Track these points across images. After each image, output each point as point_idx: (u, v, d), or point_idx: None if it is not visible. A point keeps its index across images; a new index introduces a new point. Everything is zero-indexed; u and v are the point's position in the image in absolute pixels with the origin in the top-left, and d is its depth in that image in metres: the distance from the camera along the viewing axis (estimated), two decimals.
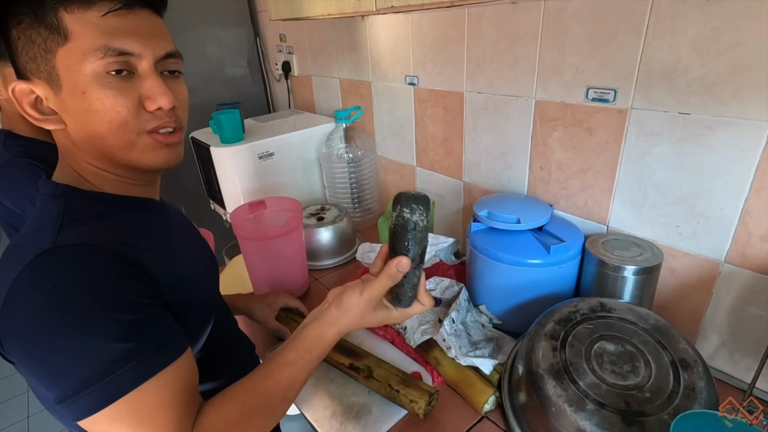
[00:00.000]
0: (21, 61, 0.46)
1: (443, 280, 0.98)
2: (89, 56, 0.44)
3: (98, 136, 0.48)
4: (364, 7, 0.78)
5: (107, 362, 0.42)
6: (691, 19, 0.66)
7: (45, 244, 0.44)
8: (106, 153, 0.50)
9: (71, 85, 0.46)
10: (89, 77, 0.45)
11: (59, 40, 0.44)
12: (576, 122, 0.86)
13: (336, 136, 1.33)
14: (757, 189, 0.68)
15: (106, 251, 0.45)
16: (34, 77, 0.46)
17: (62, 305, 0.42)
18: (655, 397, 0.57)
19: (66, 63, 0.45)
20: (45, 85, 0.46)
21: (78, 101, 0.46)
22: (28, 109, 0.47)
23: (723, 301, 0.76)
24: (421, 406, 0.70)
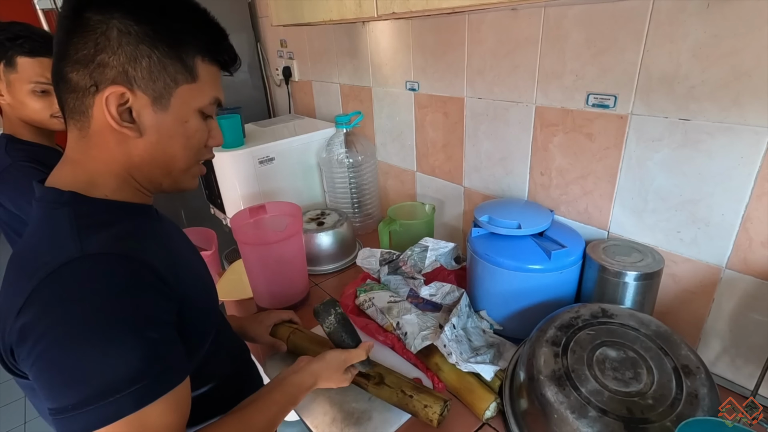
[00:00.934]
0: (135, 72, 0.49)
1: (444, 286, 0.97)
2: (206, 99, 0.54)
3: (173, 156, 0.54)
4: (365, 13, 0.78)
5: (120, 380, 0.42)
6: (690, 26, 0.67)
7: (72, 252, 0.44)
8: (163, 170, 0.55)
9: (178, 113, 0.52)
10: (195, 112, 0.54)
11: (188, 78, 0.52)
12: (576, 128, 0.86)
13: (336, 141, 1.34)
14: (757, 195, 0.68)
15: (135, 261, 0.46)
16: (139, 90, 0.49)
17: (89, 316, 0.42)
18: (657, 404, 0.56)
19: (184, 97, 0.52)
20: (147, 101, 0.50)
21: (176, 125, 0.53)
22: (113, 110, 0.49)
23: (724, 307, 0.76)
24: (435, 411, 0.69)
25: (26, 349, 0.43)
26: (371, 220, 1.43)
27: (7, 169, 1.00)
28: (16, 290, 0.45)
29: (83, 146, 0.52)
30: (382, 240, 1.13)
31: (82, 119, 0.51)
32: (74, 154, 0.53)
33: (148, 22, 0.48)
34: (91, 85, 0.48)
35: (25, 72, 1.00)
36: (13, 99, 1.03)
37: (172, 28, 0.50)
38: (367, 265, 1.09)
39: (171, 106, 0.52)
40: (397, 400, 0.73)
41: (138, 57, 0.48)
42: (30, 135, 1.09)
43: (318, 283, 1.16)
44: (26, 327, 0.43)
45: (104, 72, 0.48)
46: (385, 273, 1.06)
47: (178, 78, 0.51)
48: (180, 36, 0.51)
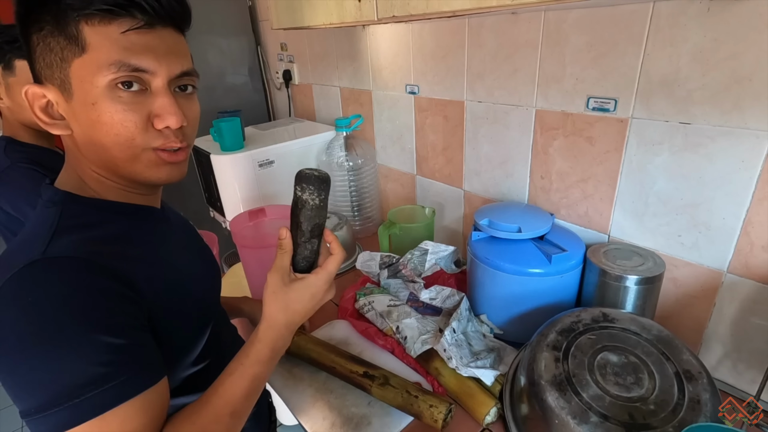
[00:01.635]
0: (37, 65, 0.47)
1: (444, 289, 0.97)
2: (103, 69, 0.45)
3: (103, 146, 0.48)
4: (365, 17, 0.78)
5: (75, 385, 0.40)
6: (690, 30, 0.67)
7: (35, 254, 0.43)
8: (109, 163, 0.50)
9: (82, 96, 0.46)
10: (101, 90, 0.45)
11: (76, 50, 0.44)
12: (576, 131, 0.86)
13: (336, 145, 1.33)
14: (758, 199, 0.67)
15: (95, 265, 0.44)
16: (47, 82, 0.47)
17: (42, 319, 0.41)
18: (659, 409, 0.56)
19: (80, 73, 0.45)
20: (57, 92, 0.47)
21: (87, 111, 0.46)
22: (39, 112, 0.48)
23: (726, 311, 0.76)
24: (441, 411, 0.69)
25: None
26: (371, 223, 1.43)
27: (6, 171, 1.00)
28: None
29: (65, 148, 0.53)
30: (382, 243, 1.13)
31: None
32: (66, 154, 0.53)
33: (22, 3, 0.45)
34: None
35: (24, 75, 1.00)
36: (12, 102, 1.02)
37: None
38: (367, 268, 1.09)
39: (74, 90, 0.46)
40: (401, 401, 0.72)
41: (32, 46, 0.46)
42: (30, 137, 1.08)
43: None
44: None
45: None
46: (384, 276, 1.06)
47: (65, 54, 0.45)
48: (52, 3, 0.44)
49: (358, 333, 0.94)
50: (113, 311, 0.44)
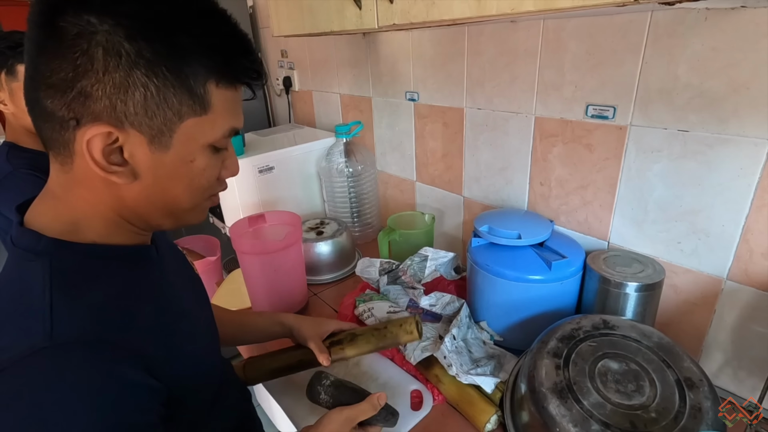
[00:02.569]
0: (123, 105, 0.38)
1: (444, 296, 0.97)
2: (217, 133, 0.44)
3: (175, 197, 0.45)
4: (366, 25, 0.79)
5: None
6: (688, 38, 0.67)
7: (38, 340, 0.36)
8: (164, 212, 0.46)
9: (182, 151, 0.42)
10: (204, 148, 0.44)
11: (197, 110, 0.41)
12: (576, 138, 0.87)
13: (336, 151, 1.34)
14: (757, 206, 0.68)
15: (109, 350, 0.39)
16: (131, 128, 0.39)
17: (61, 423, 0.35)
18: (661, 417, 0.56)
19: (190, 131, 0.42)
20: (143, 141, 0.40)
21: (179, 166, 0.43)
22: (98, 154, 0.39)
23: (726, 318, 0.76)
24: (411, 323, 0.72)
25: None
26: (371, 229, 1.43)
27: (8, 177, 1.00)
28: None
29: (66, 181, 0.43)
30: (382, 250, 1.12)
31: (62, 152, 0.41)
32: (56, 188, 0.44)
33: (146, 39, 0.37)
34: (70, 118, 0.38)
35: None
36: (16, 108, 1.03)
37: (177, 44, 0.38)
38: (367, 274, 1.08)
39: (173, 145, 0.41)
40: (375, 342, 0.73)
41: (130, 87, 0.37)
42: (33, 143, 1.09)
43: (317, 292, 1.15)
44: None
45: (86, 104, 0.37)
46: (384, 283, 1.05)
47: (183, 111, 0.40)
48: (187, 55, 0.39)
49: None
50: (136, 405, 0.39)
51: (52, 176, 0.44)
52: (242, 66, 0.43)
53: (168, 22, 0.38)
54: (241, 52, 0.43)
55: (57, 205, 0.44)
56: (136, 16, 0.37)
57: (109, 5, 0.36)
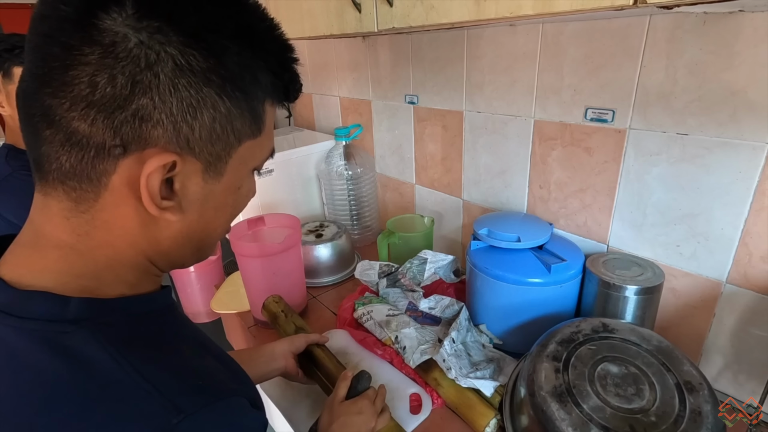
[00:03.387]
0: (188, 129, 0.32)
1: (443, 299, 0.97)
2: (263, 155, 0.40)
3: (213, 230, 0.40)
4: (365, 28, 0.79)
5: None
6: (687, 42, 0.68)
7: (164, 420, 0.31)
8: (195, 248, 0.40)
9: (233, 179, 0.37)
10: (248, 173, 0.39)
11: (255, 131, 0.37)
12: (575, 142, 0.87)
13: (335, 154, 1.34)
14: (756, 209, 0.68)
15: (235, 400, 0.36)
16: (191, 156, 0.33)
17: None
18: (660, 421, 0.55)
19: (243, 155, 0.37)
20: (198, 169, 0.35)
21: (227, 194, 0.38)
22: (156, 186, 0.32)
23: (725, 322, 0.76)
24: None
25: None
26: (370, 232, 1.43)
27: (7, 179, 1.00)
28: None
29: (81, 225, 0.34)
30: (381, 252, 1.12)
31: (84, 187, 0.33)
32: (64, 235, 0.34)
33: (217, 55, 0.32)
34: (116, 144, 0.31)
35: None
36: (13, 110, 1.03)
37: (248, 62, 0.34)
38: (366, 277, 1.08)
39: (226, 172, 0.37)
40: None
41: (199, 107, 0.32)
42: None
43: (316, 295, 1.15)
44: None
45: (141, 127, 0.31)
46: (383, 285, 1.05)
47: (243, 134, 0.36)
48: (257, 73, 0.35)
49: (356, 342, 0.93)
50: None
51: (57, 222, 0.34)
52: (298, 84, 0.40)
53: (240, 34, 0.33)
54: (294, 64, 0.39)
55: (68, 256, 0.34)
56: (209, 29, 0.31)
57: (180, 15, 0.30)
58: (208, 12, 0.31)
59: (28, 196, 0.99)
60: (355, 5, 0.78)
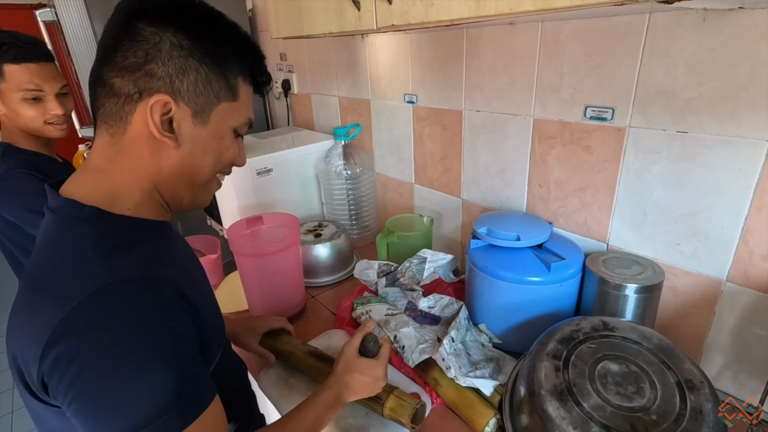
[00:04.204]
0: (181, 84, 0.49)
1: (443, 298, 0.96)
2: (240, 120, 0.56)
3: (201, 169, 0.54)
4: (365, 26, 0.79)
5: (160, 406, 0.42)
6: (687, 40, 0.68)
7: (100, 279, 0.43)
8: (188, 183, 0.55)
9: (215, 128, 0.53)
10: (230, 130, 0.55)
11: (229, 96, 0.53)
12: (574, 140, 0.87)
13: (334, 153, 1.34)
14: (757, 207, 0.68)
15: (164, 285, 0.47)
16: (182, 102, 0.50)
17: (128, 345, 0.42)
18: (661, 419, 0.55)
19: (222, 113, 0.53)
20: (189, 113, 0.51)
21: (211, 140, 0.53)
22: (157, 118, 0.49)
23: (726, 320, 0.75)
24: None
25: (64, 383, 0.41)
26: (369, 232, 1.42)
27: (3, 177, 1.00)
28: (41, 316, 0.43)
29: (112, 153, 0.51)
30: (380, 252, 1.12)
31: (117, 124, 0.50)
32: (100, 161, 0.51)
33: (199, 39, 0.49)
34: (135, 92, 0.48)
35: (14, 80, 1.00)
36: (7, 109, 1.03)
37: (221, 46, 0.51)
38: (365, 277, 1.08)
39: (210, 122, 0.52)
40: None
41: (186, 70, 0.49)
42: (28, 144, 1.08)
43: (315, 295, 1.14)
44: (60, 360, 0.41)
45: (151, 81, 0.48)
46: (383, 285, 1.05)
47: (221, 95, 0.52)
48: (227, 55, 0.52)
49: None
50: (186, 330, 0.47)
51: (96, 151, 0.52)
52: (261, 69, 0.57)
53: (215, 31, 0.51)
54: (260, 58, 0.57)
55: (99, 177, 0.51)
56: (193, 24, 0.50)
57: (175, 16, 0.49)
58: (194, 16, 0.50)
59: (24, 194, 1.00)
60: (355, 3, 0.77)
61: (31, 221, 1.01)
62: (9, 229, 1.05)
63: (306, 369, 0.84)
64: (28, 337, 0.44)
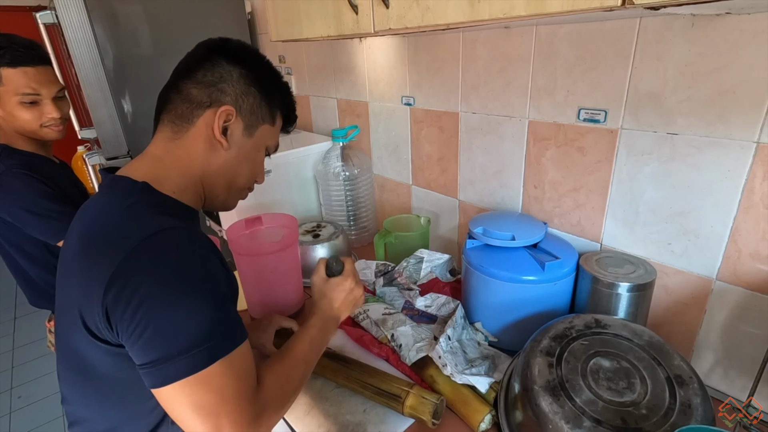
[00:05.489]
0: (241, 102, 0.64)
1: (439, 297, 0.98)
2: (273, 141, 0.72)
3: (240, 173, 0.69)
4: (362, 29, 0.80)
5: (207, 331, 0.51)
6: (676, 44, 0.69)
7: (153, 228, 0.53)
8: (227, 183, 0.68)
9: (256, 142, 0.68)
10: (264, 147, 0.71)
11: (270, 121, 0.70)
12: (568, 142, 0.88)
13: (333, 155, 1.35)
14: (745, 207, 0.69)
15: (202, 235, 0.56)
16: (240, 116, 0.65)
17: (178, 278, 0.51)
18: (651, 414, 0.56)
19: (264, 132, 0.69)
20: (242, 125, 0.66)
21: (252, 151, 0.68)
22: (220, 123, 0.62)
23: (716, 318, 0.77)
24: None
25: (129, 311, 0.49)
26: (367, 233, 1.43)
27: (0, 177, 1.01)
28: (100, 262, 0.51)
29: (171, 146, 0.63)
30: (378, 252, 1.13)
31: (183, 124, 0.62)
32: (158, 151, 0.63)
33: (258, 77, 0.66)
34: (207, 101, 0.62)
35: (11, 84, 1.01)
36: (4, 111, 1.03)
37: (272, 85, 0.69)
38: (363, 276, 1.09)
39: (254, 136, 0.67)
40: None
41: (247, 94, 0.65)
42: (25, 145, 1.09)
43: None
44: (123, 292, 0.49)
45: (222, 96, 0.63)
46: (380, 285, 1.06)
47: (266, 118, 0.68)
48: (274, 92, 0.69)
49: (353, 341, 0.94)
50: (224, 266, 0.57)
51: (156, 143, 0.64)
52: (293, 108, 0.75)
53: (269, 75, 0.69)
54: (293, 102, 0.74)
55: (155, 163, 0.63)
56: (256, 66, 0.67)
57: (245, 58, 0.66)
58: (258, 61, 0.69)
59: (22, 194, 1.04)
60: (352, 7, 0.79)
61: (28, 221, 1.02)
62: (6, 229, 1.06)
63: (320, 370, 0.84)
64: (89, 281, 0.52)
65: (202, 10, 1.62)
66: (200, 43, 0.66)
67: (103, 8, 1.40)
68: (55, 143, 1.16)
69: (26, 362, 2.40)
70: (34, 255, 1.11)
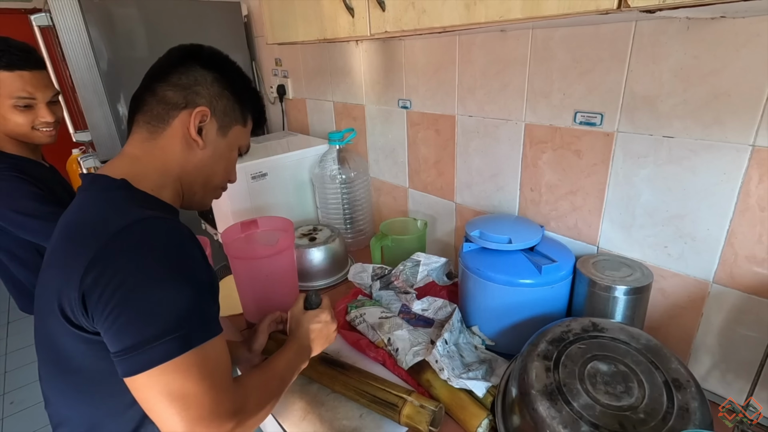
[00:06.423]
0: (216, 103, 0.67)
1: (436, 300, 0.97)
2: (244, 142, 0.74)
3: (215, 172, 0.71)
4: (359, 32, 0.80)
5: (181, 318, 0.50)
6: (671, 47, 0.69)
7: (134, 217, 0.53)
8: (203, 181, 0.70)
9: (230, 142, 0.71)
10: (234, 149, 0.73)
11: (242, 123, 0.72)
12: (565, 145, 0.88)
13: (329, 158, 1.35)
14: (741, 210, 0.69)
15: (182, 225, 0.57)
16: (214, 117, 0.67)
17: (155, 264, 0.51)
18: (649, 418, 0.56)
19: (236, 133, 0.72)
20: (216, 126, 0.68)
21: (226, 151, 0.71)
22: (196, 123, 0.64)
23: (713, 321, 0.77)
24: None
25: (105, 295, 0.49)
26: (363, 236, 1.43)
27: None
28: (80, 248, 0.52)
29: (148, 146, 0.64)
30: (374, 255, 1.13)
31: (159, 125, 0.64)
32: (135, 150, 0.64)
33: (231, 81, 0.69)
34: (182, 103, 0.64)
35: (5, 87, 1.00)
36: None
37: (243, 89, 0.71)
38: (359, 280, 1.09)
39: (228, 136, 0.70)
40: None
41: (221, 96, 0.67)
42: (14, 149, 1.08)
43: None
44: (101, 277, 0.50)
45: (197, 97, 0.65)
46: (377, 288, 1.06)
47: (238, 119, 0.71)
48: (245, 95, 0.72)
49: (349, 345, 0.93)
50: (202, 255, 0.57)
51: (133, 143, 0.65)
52: (263, 111, 0.78)
53: (240, 80, 0.72)
54: (263, 106, 0.77)
55: (132, 162, 0.64)
56: (229, 71, 0.70)
57: (218, 64, 0.68)
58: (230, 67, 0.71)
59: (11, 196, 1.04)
60: (348, 10, 0.79)
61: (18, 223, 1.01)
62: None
63: (317, 377, 0.84)
64: (67, 269, 0.52)
65: (199, 13, 1.62)
66: (173, 49, 0.67)
67: (99, 11, 1.40)
68: (50, 146, 1.15)
69: (19, 367, 2.38)
70: (25, 259, 1.10)
